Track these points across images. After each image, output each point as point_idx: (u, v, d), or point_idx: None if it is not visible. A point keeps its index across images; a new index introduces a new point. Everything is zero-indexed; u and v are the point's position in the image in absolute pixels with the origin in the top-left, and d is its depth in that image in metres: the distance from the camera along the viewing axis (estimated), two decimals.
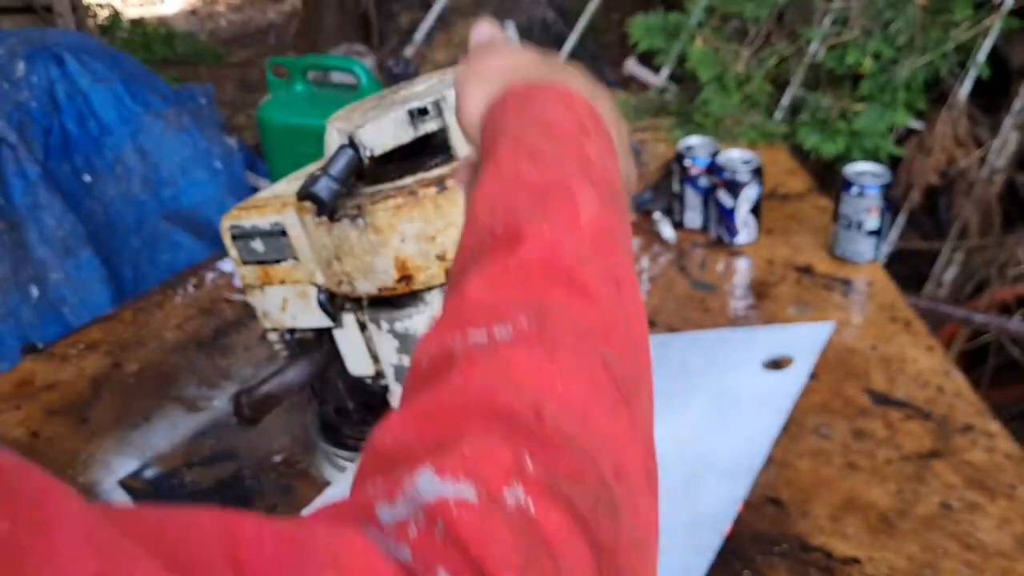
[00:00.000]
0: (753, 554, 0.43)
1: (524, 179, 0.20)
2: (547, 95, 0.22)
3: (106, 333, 0.74)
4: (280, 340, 0.53)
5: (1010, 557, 0.42)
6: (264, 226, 0.47)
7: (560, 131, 0.21)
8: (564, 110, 0.21)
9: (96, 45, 1.34)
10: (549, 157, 0.20)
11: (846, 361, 0.57)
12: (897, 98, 0.91)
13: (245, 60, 3.47)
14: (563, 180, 0.20)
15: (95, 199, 1.25)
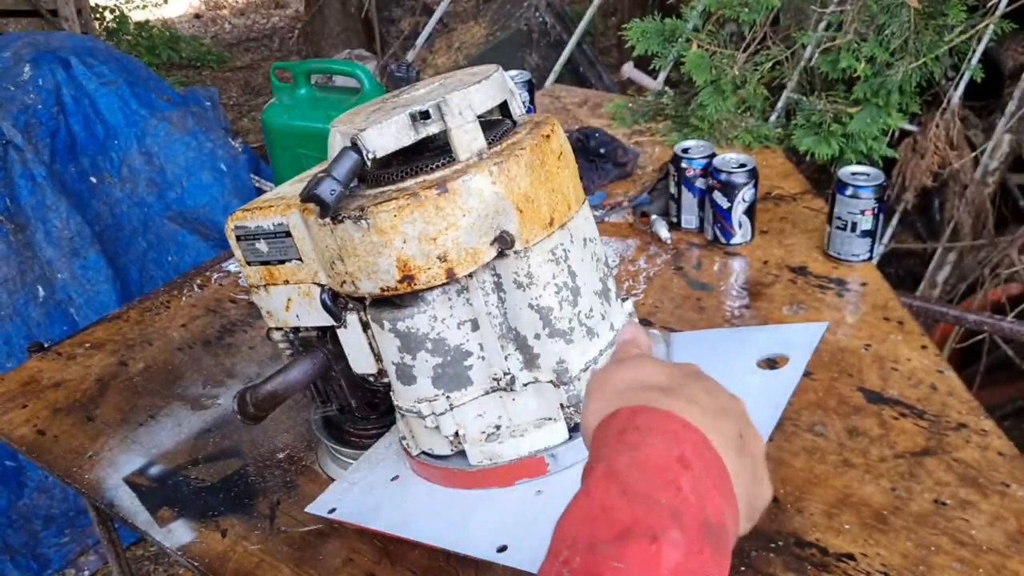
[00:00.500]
0: (749, 550, 0.44)
1: (611, 514, 0.20)
2: (653, 424, 0.22)
3: (112, 332, 0.75)
4: (284, 339, 0.53)
5: (1003, 553, 0.42)
6: (268, 227, 0.48)
7: (656, 466, 0.21)
8: (666, 442, 0.22)
9: (102, 48, 1.36)
10: (640, 493, 0.20)
11: (840, 360, 0.57)
12: (891, 101, 0.92)
13: (249, 64, 3.49)
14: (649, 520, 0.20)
15: (101, 201, 1.26)
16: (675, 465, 0.21)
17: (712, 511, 0.21)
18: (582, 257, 0.45)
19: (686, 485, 0.21)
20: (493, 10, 2.19)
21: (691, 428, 0.23)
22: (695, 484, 0.21)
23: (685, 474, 0.21)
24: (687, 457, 0.22)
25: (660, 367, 0.26)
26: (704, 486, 0.21)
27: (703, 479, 0.22)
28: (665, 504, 0.20)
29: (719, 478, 0.22)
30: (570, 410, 0.45)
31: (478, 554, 0.43)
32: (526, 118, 0.48)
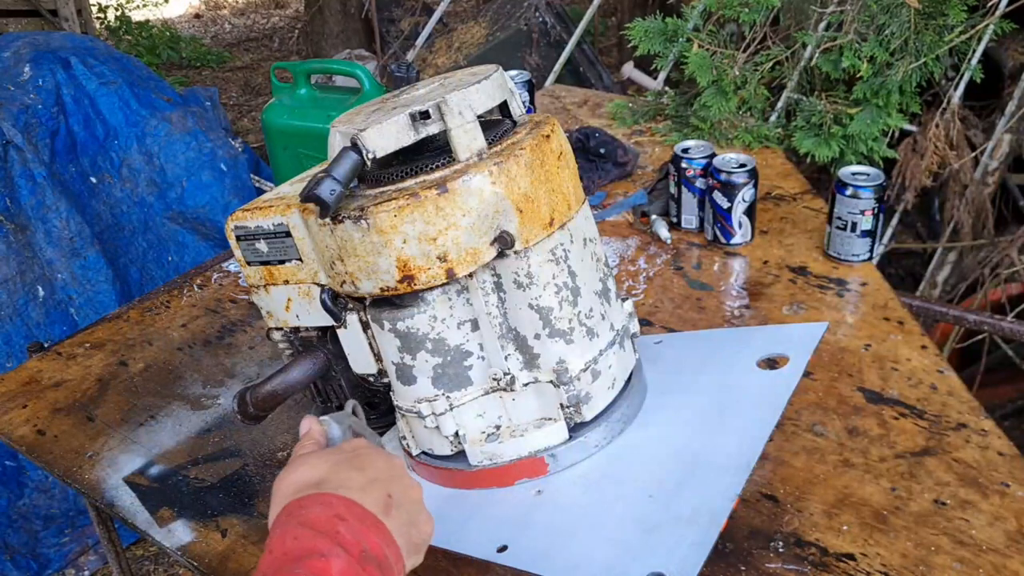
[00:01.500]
0: (749, 549, 0.44)
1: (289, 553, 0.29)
2: (312, 502, 0.31)
3: (112, 332, 0.75)
4: (284, 339, 0.54)
5: (1003, 553, 0.42)
6: (268, 227, 0.48)
7: (318, 520, 0.30)
8: (323, 507, 0.30)
9: (102, 48, 1.36)
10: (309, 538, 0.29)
11: (840, 360, 0.57)
12: (891, 101, 0.92)
13: (249, 64, 3.49)
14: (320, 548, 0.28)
15: (101, 201, 1.26)
16: (333, 519, 0.30)
17: (370, 546, 0.29)
18: (582, 257, 0.45)
19: (344, 530, 0.29)
20: (493, 10, 2.19)
21: (342, 498, 0.31)
22: (352, 529, 0.29)
23: (342, 524, 0.29)
24: (342, 514, 0.30)
25: (320, 463, 0.34)
26: (360, 531, 0.30)
27: (358, 527, 0.30)
28: (330, 541, 0.28)
29: (374, 526, 0.31)
30: (570, 410, 0.45)
31: (478, 554, 0.43)
32: (526, 118, 0.48)
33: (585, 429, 0.47)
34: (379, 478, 0.34)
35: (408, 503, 0.34)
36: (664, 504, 0.43)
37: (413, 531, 0.33)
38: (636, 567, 0.40)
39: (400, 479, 0.35)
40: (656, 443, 0.47)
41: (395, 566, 0.31)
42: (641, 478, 0.45)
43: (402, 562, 0.32)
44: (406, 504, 0.34)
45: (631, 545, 0.41)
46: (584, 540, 0.42)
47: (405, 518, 0.33)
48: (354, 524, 0.30)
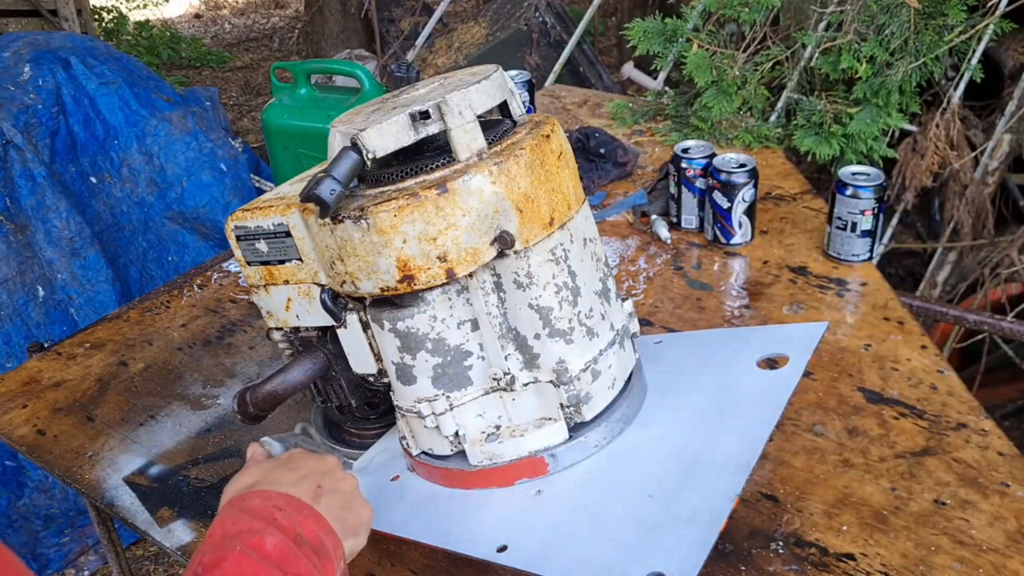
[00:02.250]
0: (749, 549, 0.44)
1: (227, 534, 0.32)
2: (252, 497, 0.35)
3: (112, 332, 0.75)
4: (284, 339, 0.54)
5: (1002, 553, 0.42)
6: (268, 227, 0.48)
7: (256, 509, 0.33)
8: (262, 499, 0.34)
9: (102, 48, 1.36)
10: (245, 521, 0.32)
11: (840, 360, 0.57)
12: (891, 101, 0.92)
13: (249, 64, 3.49)
14: (254, 527, 0.32)
15: (101, 201, 1.26)
16: (271, 508, 0.33)
17: (305, 532, 0.33)
18: (582, 257, 0.45)
19: (280, 516, 0.33)
20: (493, 10, 2.19)
21: (279, 492, 0.35)
22: (287, 516, 0.33)
23: (279, 512, 0.33)
24: (279, 504, 0.34)
25: (256, 469, 0.38)
26: (295, 518, 0.33)
27: (294, 515, 0.33)
28: (266, 523, 0.32)
29: (309, 514, 0.34)
30: (570, 410, 0.45)
31: (478, 554, 0.43)
32: (526, 118, 0.48)
33: (585, 429, 0.47)
34: (309, 474, 0.38)
35: (340, 491, 0.37)
36: (664, 504, 0.43)
37: (348, 515, 0.37)
38: (636, 567, 0.40)
39: (331, 472, 0.38)
40: (656, 443, 0.47)
41: (332, 550, 0.34)
42: (641, 478, 0.45)
43: (340, 546, 0.35)
44: (338, 492, 0.37)
45: (631, 545, 0.41)
46: (584, 540, 0.42)
47: (338, 503, 0.37)
48: (290, 512, 0.34)
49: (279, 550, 0.32)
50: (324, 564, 0.33)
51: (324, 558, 0.33)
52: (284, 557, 0.31)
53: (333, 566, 0.33)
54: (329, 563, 0.33)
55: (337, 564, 0.34)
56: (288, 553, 0.32)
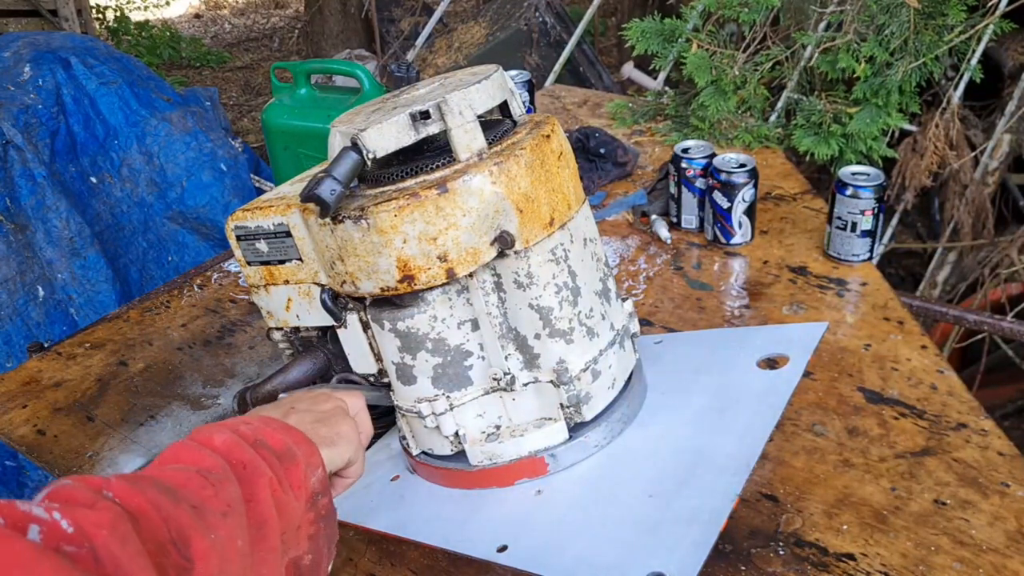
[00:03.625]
0: (749, 549, 0.44)
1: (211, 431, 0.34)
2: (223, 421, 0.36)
3: (112, 332, 0.75)
4: (284, 339, 0.54)
5: (1003, 553, 0.42)
6: (268, 227, 0.48)
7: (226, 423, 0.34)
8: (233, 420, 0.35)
9: (102, 48, 1.36)
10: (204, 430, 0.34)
11: (840, 360, 0.57)
12: (890, 101, 0.92)
13: (249, 64, 3.49)
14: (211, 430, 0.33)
15: (101, 201, 1.26)
16: (239, 421, 0.35)
17: (268, 438, 0.34)
18: (582, 257, 0.45)
19: (243, 427, 0.34)
20: (493, 10, 2.19)
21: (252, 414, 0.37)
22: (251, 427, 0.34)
23: (243, 424, 0.34)
24: (247, 420, 0.35)
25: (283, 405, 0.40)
26: (259, 428, 0.34)
27: (259, 426, 0.35)
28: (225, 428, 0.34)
29: (279, 427, 0.35)
30: (570, 410, 0.45)
31: (478, 554, 0.43)
32: (526, 118, 0.48)
33: (585, 429, 0.47)
34: (289, 400, 0.39)
35: (315, 410, 0.38)
36: (664, 504, 0.43)
37: (321, 427, 0.37)
38: (636, 567, 0.40)
39: (314, 398, 0.39)
40: (656, 443, 0.47)
41: (305, 457, 0.34)
42: (641, 478, 0.45)
43: (317, 454, 0.35)
44: (313, 411, 0.38)
45: (631, 545, 0.41)
46: (584, 540, 0.42)
47: (309, 418, 0.37)
48: (256, 425, 0.34)
49: (226, 443, 0.32)
50: (286, 466, 0.33)
51: (288, 461, 0.33)
52: (230, 447, 0.31)
53: (299, 469, 0.33)
54: (294, 466, 0.33)
55: (310, 470, 0.34)
56: (235, 445, 0.32)
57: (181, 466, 0.29)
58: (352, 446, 0.38)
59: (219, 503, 0.28)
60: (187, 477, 0.28)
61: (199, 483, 0.28)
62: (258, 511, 0.30)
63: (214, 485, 0.28)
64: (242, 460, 0.31)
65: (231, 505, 0.28)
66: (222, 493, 0.28)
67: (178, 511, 0.26)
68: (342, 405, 0.39)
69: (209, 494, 0.28)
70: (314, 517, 0.34)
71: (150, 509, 0.25)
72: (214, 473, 0.29)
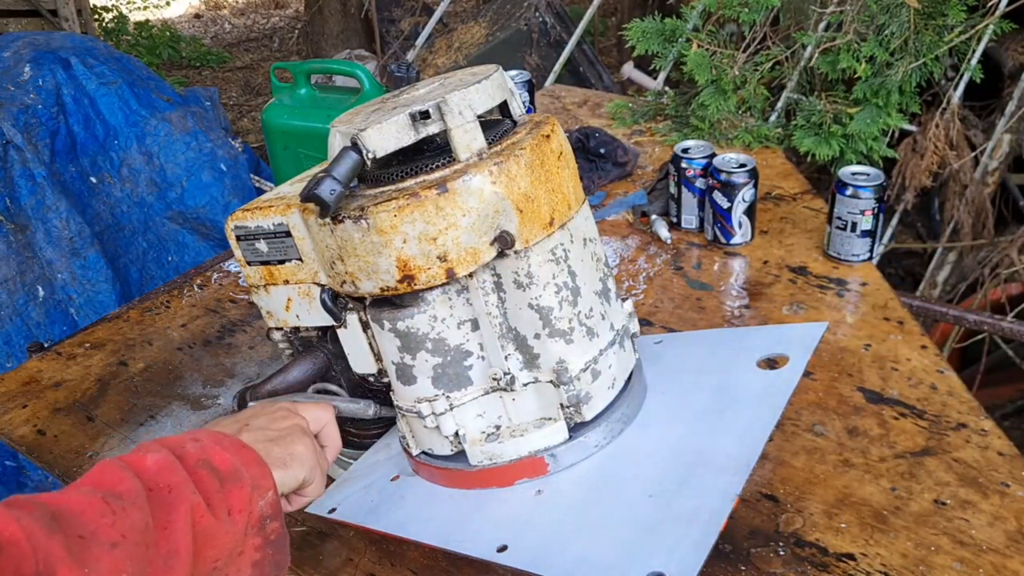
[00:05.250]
0: (749, 549, 0.44)
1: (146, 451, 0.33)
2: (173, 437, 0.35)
3: (112, 332, 0.75)
4: (284, 339, 0.54)
5: (1003, 553, 0.42)
6: (268, 227, 0.48)
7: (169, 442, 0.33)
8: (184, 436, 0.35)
9: (102, 48, 1.36)
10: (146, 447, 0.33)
11: (840, 360, 0.57)
12: (890, 101, 0.92)
13: (249, 64, 3.49)
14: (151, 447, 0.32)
15: (101, 201, 1.26)
16: (186, 439, 0.34)
17: (215, 458, 0.33)
18: (582, 257, 0.45)
19: (190, 446, 0.33)
20: (493, 10, 2.19)
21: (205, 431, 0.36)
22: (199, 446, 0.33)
23: (192, 443, 0.34)
24: (196, 436, 0.34)
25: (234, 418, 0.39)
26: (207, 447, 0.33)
27: (208, 444, 0.34)
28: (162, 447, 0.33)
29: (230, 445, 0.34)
30: (570, 410, 0.45)
31: (478, 554, 0.43)
32: (526, 118, 0.48)
33: (585, 429, 0.46)
34: (245, 416, 0.38)
35: (269, 428, 0.38)
36: (664, 504, 0.43)
37: (274, 447, 0.36)
38: (636, 567, 0.39)
39: (267, 414, 0.38)
40: (656, 443, 0.47)
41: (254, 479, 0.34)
42: (641, 478, 0.45)
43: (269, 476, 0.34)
44: (267, 429, 0.37)
45: (631, 545, 0.41)
46: (584, 540, 0.42)
47: (262, 436, 0.37)
48: (206, 443, 0.33)
49: (157, 464, 0.30)
50: (228, 488, 0.32)
51: (232, 483, 0.32)
52: (160, 469, 0.30)
53: (245, 492, 0.32)
54: (239, 488, 0.32)
55: (257, 492, 0.33)
56: (167, 467, 0.30)
57: (89, 489, 0.28)
58: (307, 467, 0.37)
59: (113, 532, 0.27)
60: (88, 503, 0.27)
61: (98, 509, 0.27)
62: (169, 539, 0.29)
63: (115, 512, 0.27)
64: (168, 484, 0.30)
65: (126, 535, 0.27)
66: (120, 521, 0.27)
67: (51, 542, 0.25)
68: (301, 423, 0.38)
69: (106, 523, 0.27)
70: (261, 542, 0.33)
71: (22, 538, 0.24)
72: (123, 498, 0.28)
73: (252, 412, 0.39)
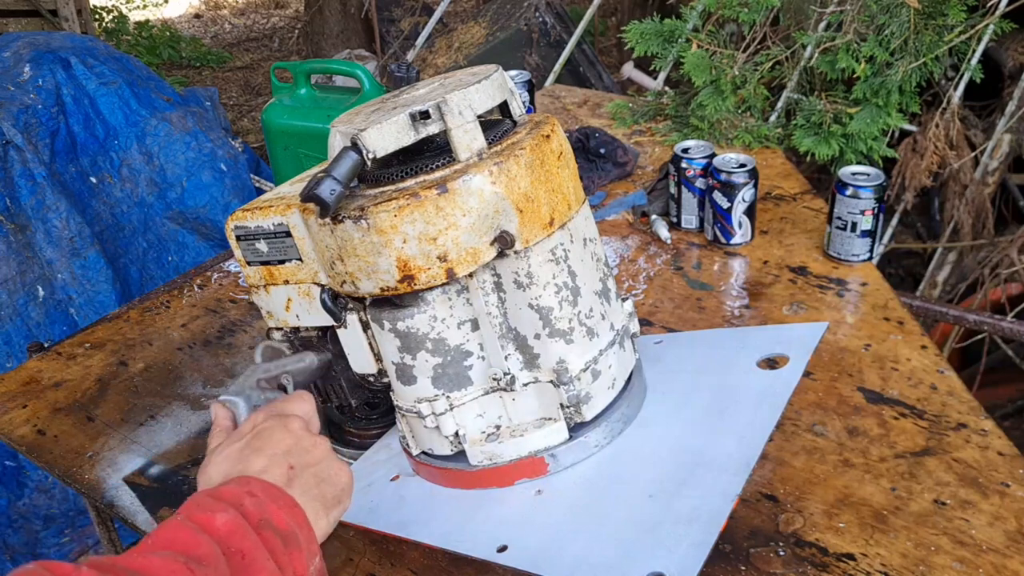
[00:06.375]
0: (749, 549, 0.44)
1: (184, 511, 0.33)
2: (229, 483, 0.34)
3: (112, 332, 0.75)
4: (284, 339, 0.54)
5: (1003, 553, 0.42)
6: (268, 227, 0.48)
7: (227, 495, 0.33)
8: (236, 486, 0.34)
9: (102, 48, 1.36)
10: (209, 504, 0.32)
11: (840, 360, 0.57)
12: (890, 101, 0.92)
13: (249, 64, 3.49)
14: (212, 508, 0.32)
15: (101, 201, 1.26)
16: (243, 494, 0.33)
17: (274, 519, 0.33)
18: (582, 257, 0.45)
19: (248, 503, 0.33)
20: (493, 10, 2.19)
21: (253, 478, 0.35)
22: (257, 503, 0.33)
23: (248, 498, 0.33)
24: (252, 491, 0.34)
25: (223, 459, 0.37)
26: (266, 505, 0.33)
27: (265, 501, 0.33)
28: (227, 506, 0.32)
29: (285, 504, 0.34)
30: (570, 410, 0.45)
31: (478, 554, 0.43)
32: (526, 118, 0.48)
33: (585, 429, 0.47)
34: (278, 452, 0.37)
35: (313, 465, 0.37)
36: (664, 504, 0.43)
37: (326, 488, 0.36)
38: (636, 567, 0.40)
39: (298, 445, 0.37)
40: (656, 443, 0.47)
41: (306, 543, 0.33)
42: (641, 478, 0.45)
43: (315, 541, 0.34)
44: (311, 466, 0.37)
45: (631, 545, 0.41)
46: (584, 540, 0.42)
47: (311, 480, 0.36)
48: (262, 499, 0.33)
49: (228, 526, 0.30)
50: (291, 551, 0.31)
51: (293, 547, 0.32)
52: (231, 532, 0.30)
53: (303, 556, 0.32)
54: (298, 552, 0.32)
55: (310, 557, 0.32)
56: (237, 529, 0.30)
57: (171, 553, 0.28)
58: (351, 493, 0.37)
59: None
60: (171, 570, 0.27)
61: (182, 574, 0.27)
62: None
63: None
64: (241, 549, 0.30)
65: None
66: None
67: None
68: (326, 445, 0.37)
69: None
70: None
71: None
72: (204, 565, 0.28)
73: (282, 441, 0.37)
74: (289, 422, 0.38)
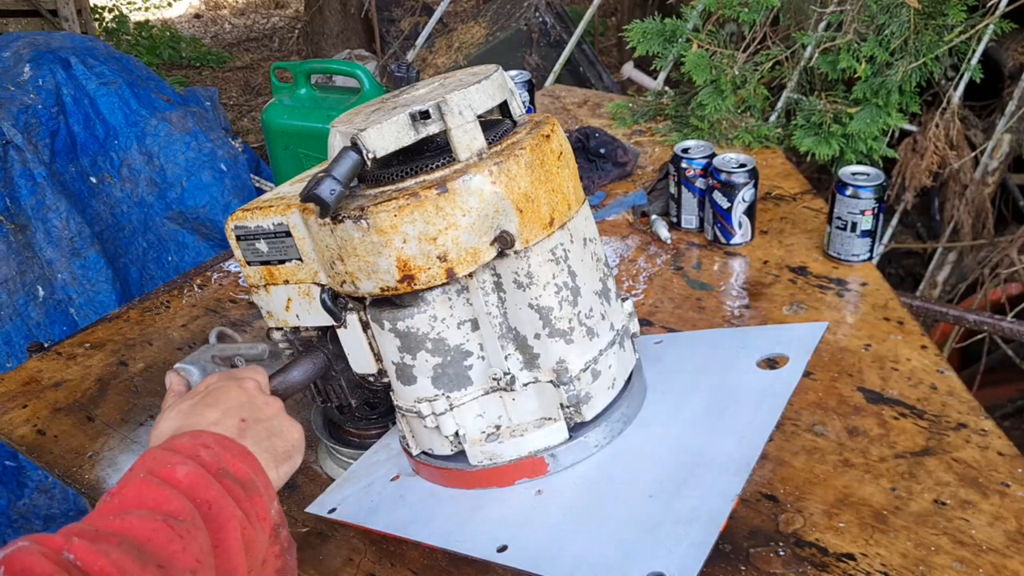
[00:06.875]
0: (749, 549, 0.44)
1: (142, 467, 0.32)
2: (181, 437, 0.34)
3: (112, 332, 0.75)
4: (284, 339, 0.54)
5: (1002, 553, 0.42)
6: (268, 227, 0.48)
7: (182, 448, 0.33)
8: (189, 439, 0.34)
9: (102, 48, 1.36)
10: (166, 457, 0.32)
11: (840, 360, 0.57)
12: (890, 101, 0.92)
13: (249, 64, 3.49)
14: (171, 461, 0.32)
15: (101, 201, 1.26)
16: (198, 446, 0.33)
17: (231, 467, 0.33)
18: (582, 257, 0.45)
19: (204, 453, 0.33)
20: (493, 10, 2.19)
21: (206, 432, 0.35)
22: (212, 453, 0.33)
23: (204, 449, 0.33)
24: (206, 443, 0.34)
25: (175, 413, 0.37)
26: (221, 455, 0.33)
27: (220, 451, 0.33)
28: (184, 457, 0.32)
29: (239, 453, 0.34)
30: (570, 410, 0.45)
31: (478, 554, 0.43)
32: (526, 118, 0.48)
33: (585, 429, 0.47)
34: (231, 407, 0.37)
35: (264, 420, 0.37)
36: (664, 504, 0.43)
37: (276, 441, 0.37)
38: (636, 567, 0.40)
39: (251, 402, 0.38)
40: (656, 443, 0.47)
41: (260, 483, 0.33)
42: (641, 478, 0.45)
43: (271, 485, 0.35)
44: (263, 421, 0.37)
45: (631, 545, 0.41)
46: (584, 540, 0.42)
47: (263, 433, 0.36)
48: (217, 450, 0.33)
49: (190, 478, 0.30)
50: (252, 497, 0.32)
51: (253, 493, 0.32)
52: (194, 483, 0.30)
53: (264, 501, 0.32)
54: (259, 497, 0.32)
55: (270, 500, 0.33)
56: (200, 480, 0.30)
57: (146, 511, 0.28)
58: (301, 449, 0.37)
59: (188, 558, 0.26)
60: (153, 528, 0.27)
61: (166, 535, 0.27)
62: (227, 558, 0.29)
63: (182, 536, 0.27)
64: (207, 500, 0.30)
65: (200, 560, 0.27)
66: (191, 546, 0.27)
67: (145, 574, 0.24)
68: (279, 404, 0.38)
69: (176, 548, 0.26)
70: (279, 550, 0.33)
71: (115, 573, 0.24)
72: (181, 520, 0.28)
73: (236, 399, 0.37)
74: (243, 383, 0.39)
